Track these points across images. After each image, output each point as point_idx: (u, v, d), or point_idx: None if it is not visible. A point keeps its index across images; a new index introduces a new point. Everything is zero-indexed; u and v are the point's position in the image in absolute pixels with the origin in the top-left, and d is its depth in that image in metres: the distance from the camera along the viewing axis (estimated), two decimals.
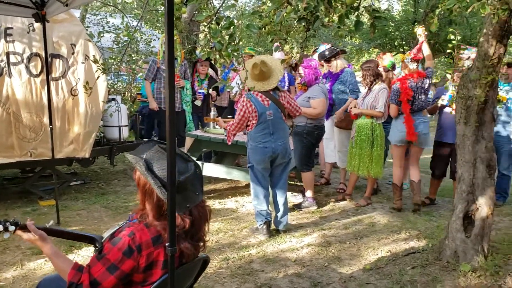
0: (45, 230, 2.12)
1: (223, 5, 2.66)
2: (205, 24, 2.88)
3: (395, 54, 5.39)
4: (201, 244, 2.12)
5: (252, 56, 6.44)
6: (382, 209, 5.46)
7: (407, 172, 5.87)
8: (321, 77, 5.74)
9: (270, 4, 2.42)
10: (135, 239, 1.87)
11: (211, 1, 2.65)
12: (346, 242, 4.37)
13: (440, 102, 5.37)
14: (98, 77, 3.86)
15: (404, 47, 15.45)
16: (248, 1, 19.57)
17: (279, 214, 4.60)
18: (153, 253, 1.90)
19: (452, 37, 4.03)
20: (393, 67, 5.65)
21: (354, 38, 16.88)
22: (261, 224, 4.47)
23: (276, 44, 5.91)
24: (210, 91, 6.73)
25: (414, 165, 5.59)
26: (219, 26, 2.76)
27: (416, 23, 15.95)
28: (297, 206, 5.46)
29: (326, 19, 2.75)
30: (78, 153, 5.39)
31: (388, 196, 5.97)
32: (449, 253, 3.80)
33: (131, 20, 8.67)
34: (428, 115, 5.73)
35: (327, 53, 6.06)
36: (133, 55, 8.57)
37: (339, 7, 2.59)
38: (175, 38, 6.24)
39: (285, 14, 2.61)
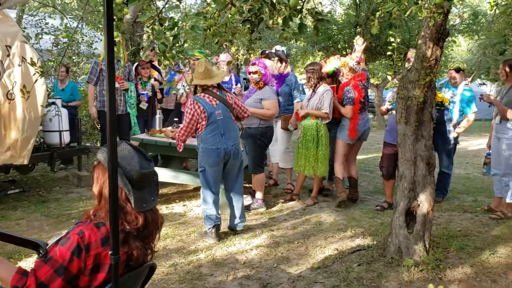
0: None
1: (166, 6, 2.61)
2: (148, 25, 2.82)
3: (341, 57, 5.54)
4: (149, 251, 2.06)
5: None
6: (329, 207, 5.57)
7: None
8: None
9: (214, 6, 2.39)
10: (84, 238, 1.79)
11: (153, 2, 2.59)
12: (295, 242, 4.41)
13: (386, 106, 5.56)
14: (36, 80, 3.67)
15: (347, 50, 15.84)
16: (193, 2, 19.44)
17: (237, 217, 4.60)
18: (101, 254, 1.82)
19: (392, 39, 4.17)
20: (336, 73, 5.77)
21: (299, 41, 17.16)
22: (210, 228, 4.42)
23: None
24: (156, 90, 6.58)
25: (354, 160, 5.96)
26: (163, 27, 2.70)
27: (358, 27, 16.44)
28: (246, 208, 5.44)
29: (270, 22, 2.77)
30: (16, 160, 5.12)
31: (334, 195, 6.09)
32: (393, 249, 3.92)
33: (71, 21, 8.35)
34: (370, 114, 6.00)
35: (281, 54, 6.13)
36: (74, 58, 8.26)
37: (283, 9, 2.61)
38: (118, 39, 6.04)
39: (229, 15, 2.60)
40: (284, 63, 6.08)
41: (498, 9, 4.67)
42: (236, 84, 6.49)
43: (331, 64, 5.77)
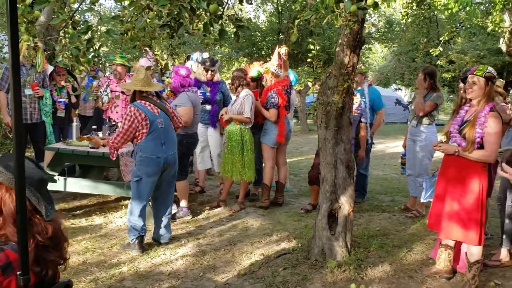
0: None
1: (79, 8, 2.48)
2: (61, 28, 2.67)
3: (264, 63, 5.64)
4: (62, 261, 1.93)
5: (124, 65, 6.18)
6: (255, 212, 5.59)
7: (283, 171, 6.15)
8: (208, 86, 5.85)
9: (131, 9, 2.31)
10: (5, 254, 1.63)
11: (65, 4, 2.44)
12: (221, 250, 4.37)
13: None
14: None
15: (271, 56, 16.13)
16: (113, 6, 18.84)
17: (164, 228, 4.47)
18: (2, 283, 1.67)
19: (312, 47, 4.28)
20: (260, 77, 5.83)
21: (224, 47, 17.21)
22: (133, 239, 4.26)
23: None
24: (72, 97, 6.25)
25: (283, 164, 6.11)
26: (76, 30, 2.57)
27: (281, 34, 16.80)
28: (171, 217, 5.32)
29: (191, 27, 2.73)
30: None
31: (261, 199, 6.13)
32: (316, 251, 4.01)
33: None
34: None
35: (208, 62, 6.06)
36: None
37: (203, 15, 2.58)
38: (39, 45, 5.69)
39: (148, 20, 2.52)
40: (210, 72, 6.02)
41: (409, 18, 4.98)
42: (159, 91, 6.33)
43: (254, 68, 5.83)
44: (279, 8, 17.29)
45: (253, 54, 17.29)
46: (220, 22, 2.52)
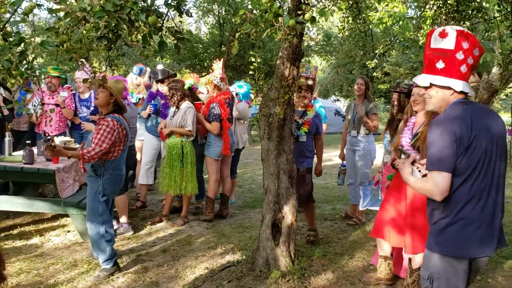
0: None
1: (11, 19, 2.37)
2: None
3: (205, 75, 5.66)
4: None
5: (58, 77, 5.96)
6: (199, 226, 5.53)
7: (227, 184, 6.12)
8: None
9: (67, 21, 2.24)
10: None
11: None
12: (164, 265, 4.28)
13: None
14: None
15: (213, 68, 16.18)
16: (50, 17, 18.15)
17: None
18: None
19: (253, 59, 4.32)
20: (192, 89, 5.79)
21: (165, 59, 17.03)
22: (111, 263, 4.06)
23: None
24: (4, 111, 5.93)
25: (227, 176, 6.09)
26: (7, 42, 2.46)
27: (223, 45, 16.88)
28: None
29: (130, 38, 2.68)
30: None
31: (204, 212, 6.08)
32: (261, 262, 4.02)
33: None
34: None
35: (160, 74, 5.98)
36: None
37: (142, 26, 2.55)
38: None
39: (84, 31, 2.45)
40: (164, 83, 5.96)
41: (345, 32, 5.17)
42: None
43: (187, 81, 5.79)
44: (221, 20, 17.40)
45: (195, 65, 17.27)
46: (159, 34, 2.50)
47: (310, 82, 4.89)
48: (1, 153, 5.30)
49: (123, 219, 5.23)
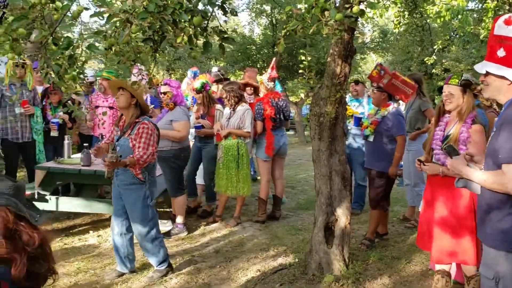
0: None
1: (60, 24, 2.42)
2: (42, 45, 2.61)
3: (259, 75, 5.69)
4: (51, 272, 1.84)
5: (109, 79, 6.13)
6: (251, 227, 5.49)
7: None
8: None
9: (109, 24, 2.25)
10: None
11: (44, 19, 2.38)
12: (216, 267, 4.27)
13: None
14: None
15: (266, 69, 16.20)
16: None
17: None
18: None
19: (303, 58, 4.24)
20: (204, 86, 5.72)
21: (219, 61, 17.24)
22: (164, 265, 4.11)
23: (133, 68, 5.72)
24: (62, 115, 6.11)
25: (281, 177, 5.98)
26: (57, 46, 2.51)
27: (275, 46, 16.83)
28: (166, 234, 5.22)
29: (178, 40, 2.67)
30: None
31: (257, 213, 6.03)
32: (314, 266, 3.91)
33: None
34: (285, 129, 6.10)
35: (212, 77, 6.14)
36: None
37: (187, 27, 2.52)
38: (27, 62, 5.55)
39: (132, 34, 2.46)
40: (218, 84, 6.07)
41: (401, 27, 4.95)
42: (150, 105, 6.27)
43: (198, 81, 5.76)
44: (273, 21, 17.36)
45: (249, 67, 17.31)
46: (204, 34, 2.46)
47: (384, 81, 4.64)
48: (61, 155, 5.51)
49: (179, 219, 5.29)
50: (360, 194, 6.10)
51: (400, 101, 4.93)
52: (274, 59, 6.06)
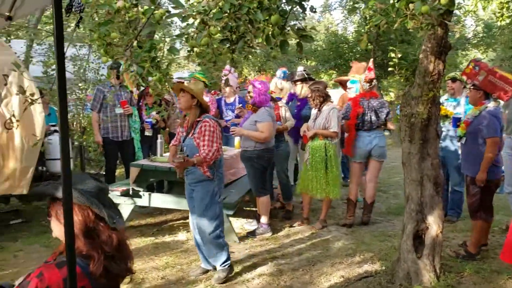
0: None
1: (144, 27, 2.50)
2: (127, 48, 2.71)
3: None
4: (127, 273, 1.91)
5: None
6: (338, 231, 5.34)
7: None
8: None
9: (186, 26, 2.28)
10: (44, 280, 1.64)
11: (129, 23, 2.47)
12: (299, 270, 4.20)
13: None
14: (25, 109, 3.63)
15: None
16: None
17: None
18: None
19: (393, 55, 4.02)
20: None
21: (310, 61, 17.09)
22: (227, 262, 4.18)
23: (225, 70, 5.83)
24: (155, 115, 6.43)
25: (372, 181, 5.68)
26: (141, 49, 2.60)
27: (369, 44, 16.30)
28: (251, 233, 5.26)
29: (258, 40, 2.64)
30: (15, 189, 5.05)
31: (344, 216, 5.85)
32: (401, 275, 3.69)
33: (79, 49, 8.40)
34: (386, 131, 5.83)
35: (296, 76, 6.11)
36: (80, 84, 8.28)
37: (267, 26, 2.48)
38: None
39: (211, 34, 2.47)
40: (303, 83, 6.00)
41: (505, 20, 4.49)
42: (238, 105, 6.35)
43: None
44: (367, 16, 16.83)
45: (341, 66, 16.92)
46: (282, 33, 2.40)
47: (480, 77, 4.26)
48: (154, 154, 5.79)
49: (264, 219, 5.29)
50: (457, 201, 5.65)
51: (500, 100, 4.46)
52: (371, 60, 5.81)
